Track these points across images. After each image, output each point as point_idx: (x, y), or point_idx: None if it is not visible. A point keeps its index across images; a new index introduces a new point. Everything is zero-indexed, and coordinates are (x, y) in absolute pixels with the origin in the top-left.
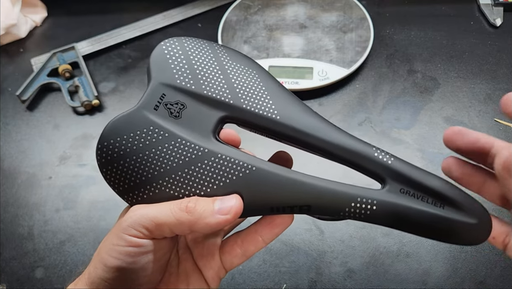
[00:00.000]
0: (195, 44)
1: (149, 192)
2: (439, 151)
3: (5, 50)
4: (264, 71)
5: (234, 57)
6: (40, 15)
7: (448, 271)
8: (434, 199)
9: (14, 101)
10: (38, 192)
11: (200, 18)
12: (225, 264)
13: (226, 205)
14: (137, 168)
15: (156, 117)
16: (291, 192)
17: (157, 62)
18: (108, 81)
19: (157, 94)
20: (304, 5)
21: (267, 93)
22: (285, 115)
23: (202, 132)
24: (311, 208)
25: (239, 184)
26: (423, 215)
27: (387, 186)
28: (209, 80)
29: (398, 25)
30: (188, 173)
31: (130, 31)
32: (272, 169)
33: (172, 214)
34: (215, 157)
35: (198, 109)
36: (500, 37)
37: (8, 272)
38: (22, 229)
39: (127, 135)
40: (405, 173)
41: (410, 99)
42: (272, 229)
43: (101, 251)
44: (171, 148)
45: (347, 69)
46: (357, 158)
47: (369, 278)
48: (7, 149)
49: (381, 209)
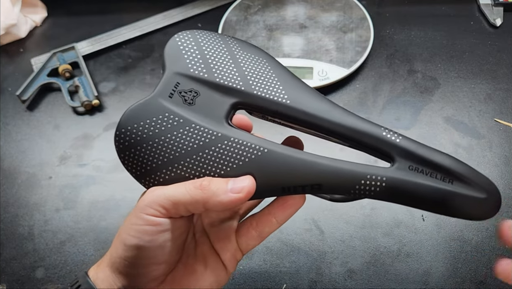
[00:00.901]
0: (207, 36)
1: (165, 175)
2: None
3: (5, 50)
4: (274, 60)
5: (245, 47)
6: (40, 15)
7: (449, 271)
8: (442, 175)
9: (14, 101)
10: (38, 192)
11: (200, 18)
12: (242, 246)
13: (238, 184)
14: (153, 152)
15: (171, 104)
16: (301, 171)
17: (171, 53)
18: (108, 81)
19: (171, 82)
20: (304, 5)
21: (277, 79)
22: (295, 100)
23: (215, 118)
24: (322, 187)
25: (251, 165)
26: (432, 191)
27: (396, 164)
28: (221, 69)
29: (398, 25)
30: (202, 156)
31: (130, 31)
32: (283, 150)
33: (187, 191)
34: (228, 140)
35: (211, 96)
36: (500, 37)
37: (8, 272)
38: (22, 229)
39: (144, 122)
40: (413, 150)
41: (410, 99)
42: (285, 210)
43: (121, 232)
44: (185, 133)
45: (347, 69)
46: (365, 138)
47: (370, 278)
48: (7, 149)
49: (391, 185)
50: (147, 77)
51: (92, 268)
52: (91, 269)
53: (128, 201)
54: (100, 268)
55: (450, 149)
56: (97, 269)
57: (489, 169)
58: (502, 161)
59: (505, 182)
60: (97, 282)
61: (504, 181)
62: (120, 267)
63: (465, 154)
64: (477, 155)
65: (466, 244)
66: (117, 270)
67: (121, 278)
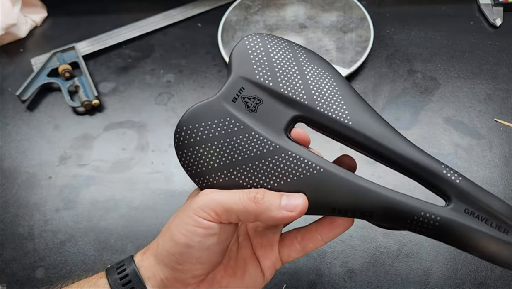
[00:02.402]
0: (276, 42)
1: (220, 179)
2: (439, 151)
3: (5, 50)
4: (340, 76)
5: (312, 59)
6: (40, 15)
7: (449, 271)
8: (498, 223)
9: (14, 101)
10: (38, 192)
11: (200, 18)
12: (282, 257)
13: (292, 202)
14: (211, 154)
15: (233, 109)
16: (356, 197)
17: (239, 56)
18: (108, 81)
19: (236, 87)
20: (304, 5)
21: (341, 98)
22: (357, 122)
23: (275, 129)
24: (373, 215)
25: (306, 182)
26: (485, 239)
27: (452, 204)
28: (287, 79)
29: (398, 25)
30: (258, 165)
31: (130, 31)
32: (339, 172)
33: (241, 202)
34: (285, 153)
35: (273, 105)
36: (500, 37)
37: (8, 272)
38: (22, 229)
39: (205, 123)
40: (472, 193)
41: (410, 99)
42: (333, 229)
43: (171, 227)
44: (244, 139)
45: (347, 69)
46: (425, 173)
47: (370, 278)
48: (7, 149)
49: (444, 226)
50: (147, 77)
51: (138, 254)
52: (137, 254)
53: (128, 201)
54: (146, 256)
55: (450, 149)
56: (142, 256)
57: (489, 169)
58: (502, 161)
59: (505, 182)
60: (141, 269)
61: (504, 181)
62: (165, 260)
63: (465, 154)
64: (477, 155)
65: None
66: (162, 262)
67: (165, 269)
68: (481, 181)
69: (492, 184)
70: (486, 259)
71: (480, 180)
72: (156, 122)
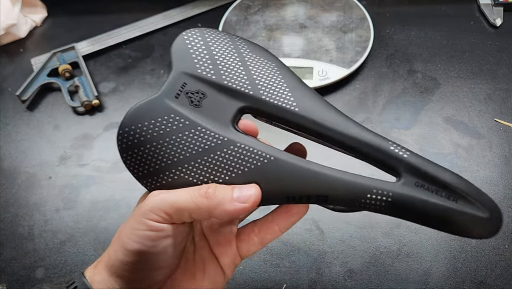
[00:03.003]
0: (216, 36)
1: (168, 178)
2: (439, 151)
3: (5, 50)
4: (283, 64)
5: (254, 50)
6: (40, 15)
7: (449, 271)
8: (447, 193)
9: (14, 101)
10: (38, 192)
11: (200, 18)
12: (241, 252)
13: (244, 193)
14: (157, 154)
15: (177, 105)
16: (308, 182)
17: (179, 51)
18: (108, 81)
19: (178, 82)
20: (304, 5)
21: (286, 85)
22: (303, 107)
23: (222, 122)
24: (328, 198)
25: (257, 173)
26: (437, 208)
27: (402, 179)
28: (230, 71)
29: (398, 25)
30: (207, 160)
31: (130, 31)
32: (290, 159)
33: (192, 199)
34: (234, 145)
35: (218, 99)
36: (500, 37)
37: (8, 272)
38: (22, 229)
39: (148, 122)
40: (420, 166)
41: (410, 99)
42: (289, 218)
43: (121, 235)
44: (191, 135)
45: (347, 69)
46: (373, 151)
47: (370, 278)
48: (7, 149)
49: (396, 201)
50: (147, 77)
51: (89, 269)
52: (87, 269)
53: (128, 201)
54: (97, 270)
55: (450, 149)
56: (94, 270)
57: (489, 169)
58: (502, 161)
59: (505, 182)
60: (93, 285)
61: (504, 181)
62: (118, 271)
63: (465, 154)
64: (477, 155)
65: (466, 244)
66: (115, 274)
67: (119, 281)
68: (481, 181)
69: (492, 184)
70: (440, 229)
71: (480, 180)
72: None
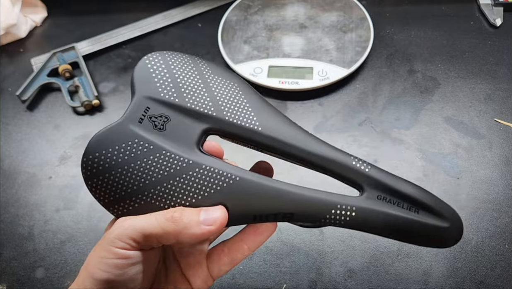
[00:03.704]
0: (177, 59)
1: (135, 204)
2: (439, 151)
3: (5, 50)
4: (246, 85)
5: (216, 71)
6: (40, 15)
7: (449, 271)
8: (409, 204)
9: (14, 101)
10: (38, 192)
11: (200, 18)
12: (213, 273)
13: (211, 216)
14: (122, 180)
15: (140, 130)
16: (274, 200)
17: (141, 76)
18: (108, 81)
19: (141, 107)
20: (304, 5)
21: (248, 105)
22: (266, 127)
23: (186, 144)
24: (294, 216)
25: (223, 194)
26: (399, 220)
27: (365, 193)
28: (192, 93)
29: (398, 25)
30: (173, 184)
31: (130, 31)
32: (255, 179)
33: (158, 224)
34: (199, 168)
35: (182, 121)
36: (500, 37)
37: (8, 272)
38: (22, 229)
39: (112, 148)
40: (381, 180)
41: (410, 99)
42: (257, 236)
43: (89, 264)
44: (156, 159)
45: (347, 69)
46: (336, 167)
47: (370, 278)
48: (7, 149)
49: (360, 215)
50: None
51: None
52: None
53: None
54: None
55: (450, 149)
56: None
57: (489, 168)
58: (502, 161)
59: (505, 182)
60: None
61: (504, 181)
62: None
63: (465, 154)
64: (477, 155)
65: (466, 244)
66: None
67: None
68: (481, 181)
69: (492, 184)
70: (404, 240)
71: (480, 180)
72: None
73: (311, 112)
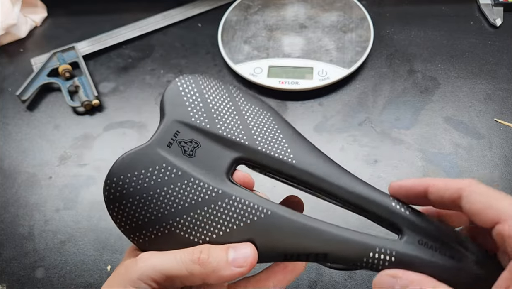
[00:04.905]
0: (209, 83)
1: (158, 233)
2: (439, 151)
3: (5, 50)
4: (278, 114)
5: (249, 99)
6: (40, 15)
7: None
8: (451, 252)
9: (14, 101)
10: (38, 192)
11: (200, 18)
12: None
13: (241, 255)
14: (146, 206)
15: (169, 154)
16: (308, 239)
17: (172, 98)
18: (108, 81)
19: (171, 131)
20: (304, 5)
21: (282, 136)
22: (301, 160)
23: (216, 173)
24: (328, 256)
25: (253, 228)
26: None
27: (405, 237)
28: (224, 120)
29: (398, 25)
30: (200, 214)
31: (130, 31)
32: (288, 214)
33: (184, 265)
34: (229, 198)
35: (212, 148)
36: (500, 37)
37: (8, 272)
38: (22, 229)
39: (138, 172)
40: (422, 224)
41: (410, 99)
42: (285, 275)
43: None
44: (183, 187)
45: (347, 69)
46: (374, 208)
47: (370, 278)
48: (7, 149)
49: (400, 260)
50: (147, 77)
51: None
52: None
53: None
54: None
55: (450, 149)
56: None
57: (489, 168)
58: (502, 161)
59: (505, 182)
60: None
61: (504, 181)
62: None
63: (465, 154)
64: (477, 155)
65: None
66: None
67: None
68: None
69: (492, 184)
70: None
71: (480, 180)
72: (156, 123)
73: (311, 112)
